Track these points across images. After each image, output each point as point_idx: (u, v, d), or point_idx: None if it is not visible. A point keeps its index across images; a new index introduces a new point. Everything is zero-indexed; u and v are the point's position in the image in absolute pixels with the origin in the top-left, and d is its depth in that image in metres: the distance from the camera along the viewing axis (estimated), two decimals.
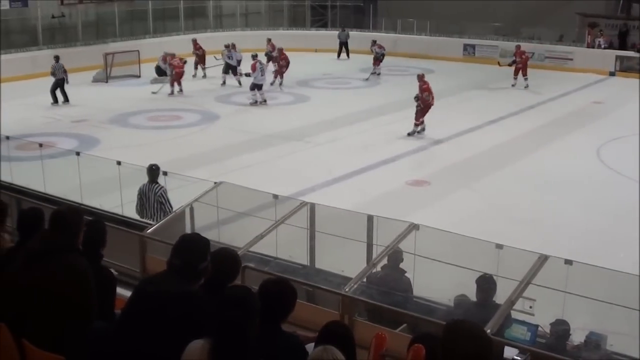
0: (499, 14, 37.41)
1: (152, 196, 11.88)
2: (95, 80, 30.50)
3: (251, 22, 43.94)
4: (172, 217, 10.09)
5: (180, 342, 4.23)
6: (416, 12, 38.86)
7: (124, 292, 5.88)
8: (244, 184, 11.52)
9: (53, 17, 35.09)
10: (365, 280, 8.00)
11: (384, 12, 42.01)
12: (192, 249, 4.56)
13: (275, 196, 10.17)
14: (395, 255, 8.49)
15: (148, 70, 30.83)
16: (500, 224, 13.59)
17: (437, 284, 8.40)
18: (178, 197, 11.14)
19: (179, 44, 33.26)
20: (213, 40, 36.41)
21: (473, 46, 37.38)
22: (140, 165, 13.70)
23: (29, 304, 4.97)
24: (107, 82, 30.40)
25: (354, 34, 40.63)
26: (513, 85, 28.96)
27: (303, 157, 18.41)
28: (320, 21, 45.18)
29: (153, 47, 33.34)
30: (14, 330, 4.91)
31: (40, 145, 16.12)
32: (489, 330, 6.81)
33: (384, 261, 8.42)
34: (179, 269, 4.49)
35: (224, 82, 29.49)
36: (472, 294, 7.81)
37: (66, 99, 25.47)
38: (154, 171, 12.01)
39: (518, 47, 29.97)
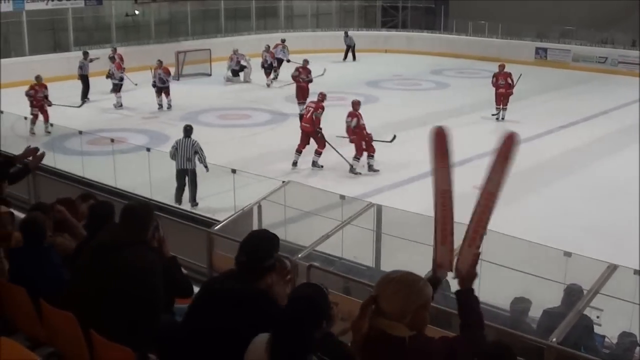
0: (573, 17, 36.80)
1: (188, 145, 14.68)
2: None
3: (322, 23, 44.01)
4: (239, 215, 10.18)
5: (243, 341, 4.27)
6: (488, 14, 38.46)
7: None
8: (311, 183, 11.59)
9: (127, 15, 35.71)
10: None
11: (455, 14, 41.68)
12: (257, 246, 4.57)
13: (342, 197, 10.19)
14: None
15: (219, 69, 31.12)
16: (569, 232, 13.36)
17: (503, 290, 8.32)
18: (246, 195, 11.22)
19: (249, 43, 33.52)
20: (288, 40, 36.58)
21: (545, 49, 36.82)
22: (210, 162, 13.87)
23: (97, 295, 5.07)
24: (178, 79, 30.74)
25: (425, 35, 40.51)
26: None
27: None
28: (391, 22, 45.03)
29: (224, 46, 33.60)
30: (83, 322, 5.01)
31: (112, 140, 16.39)
32: (554, 339, 6.74)
33: None
34: (243, 266, 4.51)
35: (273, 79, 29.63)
36: (537, 301, 7.73)
37: (83, 100, 25.95)
38: (188, 130, 15.22)
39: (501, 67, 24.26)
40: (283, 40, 33.48)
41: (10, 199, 8.43)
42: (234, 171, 12.22)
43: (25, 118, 18.27)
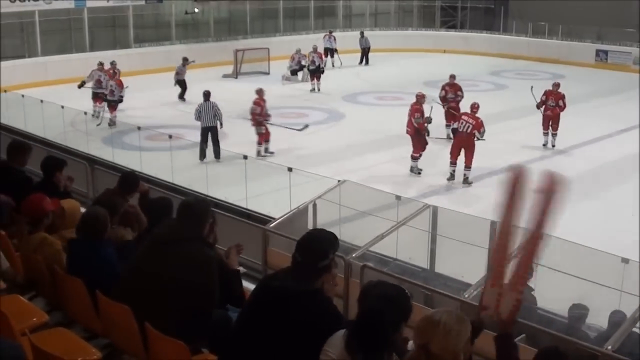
0: (634, 19, 36.16)
1: (209, 107, 18.42)
2: (225, 76, 31.11)
3: (380, 22, 43.94)
4: (295, 213, 10.20)
5: (297, 338, 4.27)
6: (548, 15, 38.01)
7: (246, 285, 5.97)
8: (367, 183, 11.57)
9: (186, 13, 36.03)
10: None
11: (515, 15, 41.28)
12: (313, 247, 4.56)
13: (398, 197, 10.16)
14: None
15: (277, 68, 31.23)
16: (627, 238, 13.11)
17: (559, 295, 8.22)
18: (302, 194, 11.23)
19: (308, 42, 33.54)
20: (342, 40, 36.61)
21: (606, 52, 36.20)
22: (267, 160, 13.94)
23: (153, 289, 5.13)
24: (236, 77, 30.95)
25: (484, 36, 40.19)
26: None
27: (427, 159, 18.26)
28: (450, 22, 44.78)
29: (283, 45, 33.75)
30: (138, 315, 5.07)
31: (170, 136, 16.54)
32: (609, 347, 6.64)
33: None
34: (299, 265, 4.52)
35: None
36: (594, 307, 7.62)
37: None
38: (207, 94, 18.72)
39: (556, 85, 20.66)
40: (330, 31, 33.70)
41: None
42: (290, 169, 12.24)
43: (85, 113, 18.54)
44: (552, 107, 19.93)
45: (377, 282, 4.51)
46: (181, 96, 26.22)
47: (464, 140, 16.85)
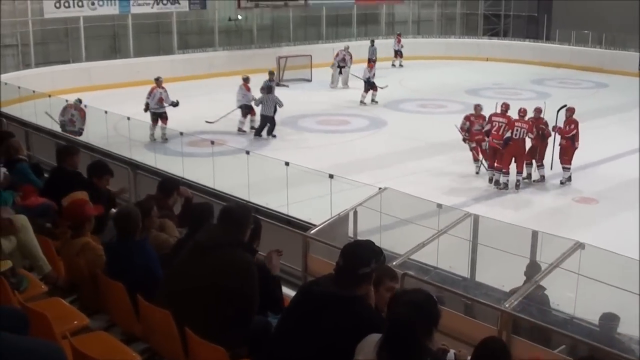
0: None
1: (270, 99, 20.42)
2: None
3: (423, 30, 43.84)
4: (335, 220, 10.18)
5: (337, 344, 4.26)
6: (592, 23, 37.60)
7: (286, 290, 5.97)
8: (408, 191, 11.49)
9: (230, 19, 36.22)
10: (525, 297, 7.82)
11: (558, 23, 40.92)
12: (355, 253, 4.57)
13: (439, 205, 10.10)
14: (531, 269, 8.31)
15: (319, 74, 31.27)
16: None
17: (600, 306, 8.11)
18: (343, 201, 11.21)
19: (350, 50, 33.57)
20: (385, 47, 36.60)
21: None
22: (308, 167, 13.93)
23: (194, 294, 5.14)
24: (278, 84, 31.01)
25: (527, 44, 39.92)
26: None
27: (469, 168, 18.18)
28: (492, 30, 44.53)
29: (325, 53, 33.79)
30: (179, 320, 5.08)
31: (212, 142, 16.60)
32: None
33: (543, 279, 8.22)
34: (340, 270, 4.53)
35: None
36: (630, 318, 7.51)
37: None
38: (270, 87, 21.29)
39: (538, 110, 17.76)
40: (399, 34, 34.78)
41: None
42: (331, 176, 12.22)
43: (128, 118, 18.66)
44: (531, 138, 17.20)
45: (405, 290, 4.51)
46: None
47: (519, 147, 16.81)
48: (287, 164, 13.41)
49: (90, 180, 8.29)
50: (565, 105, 17.90)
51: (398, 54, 37.74)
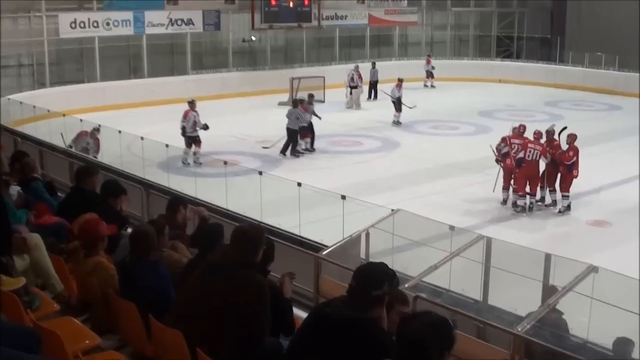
0: None
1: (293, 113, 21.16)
2: (281, 103, 31.25)
3: (436, 51, 43.86)
4: (348, 241, 10.16)
5: None
6: (605, 46, 37.55)
7: (297, 312, 5.96)
8: (421, 212, 11.47)
9: (243, 41, 36.38)
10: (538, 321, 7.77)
11: (571, 45, 40.94)
12: (368, 275, 4.56)
13: (452, 227, 10.07)
14: (550, 293, 8.26)
15: (332, 95, 31.33)
16: None
17: (613, 330, 8.06)
18: (355, 222, 11.19)
19: (363, 71, 33.62)
20: (397, 68, 36.65)
21: None
22: (320, 188, 13.92)
23: (205, 315, 5.13)
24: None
25: (540, 66, 39.91)
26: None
27: (481, 190, 18.14)
28: (505, 52, 44.62)
29: (338, 74, 33.83)
30: (190, 339, 5.08)
31: (225, 162, 16.63)
32: None
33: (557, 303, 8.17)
34: (353, 292, 4.51)
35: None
36: None
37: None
38: (295, 102, 22.07)
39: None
40: (429, 55, 37.08)
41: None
42: (343, 197, 12.21)
43: (142, 138, 18.70)
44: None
45: (420, 312, 4.48)
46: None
47: (532, 169, 16.71)
48: (299, 184, 13.41)
49: (106, 200, 8.30)
50: (565, 127, 17.61)
51: (429, 74, 38.06)
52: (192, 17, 33.44)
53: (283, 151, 21.93)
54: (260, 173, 14.90)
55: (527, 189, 16.81)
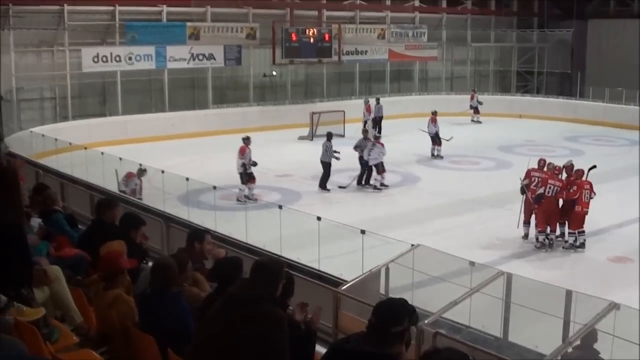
0: None
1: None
2: (301, 138, 31.36)
3: (456, 86, 43.99)
4: (367, 276, 10.12)
5: None
6: (625, 81, 37.45)
7: (316, 347, 5.92)
8: (441, 248, 11.42)
9: (264, 75, 36.58)
10: (559, 359, 7.69)
11: (592, 80, 40.90)
12: (388, 311, 4.54)
13: (472, 263, 10.01)
14: (589, 336, 8.14)
15: (353, 130, 31.33)
16: None
17: None
18: (375, 257, 11.16)
19: (385, 105, 33.72)
20: (417, 103, 36.78)
21: None
22: (340, 222, 13.89)
23: (224, 349, 5.10)
24: (312, 140, 31.14)
25: (560, 101, 39.87)
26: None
27: (502, 225, 18.04)
28: (526, 87, 44.63)
29: (358, 108, 33.92)
30: None
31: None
32: None
33: (578, 340, 8.09)
34: (373, 328, 4.49)
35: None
36: None
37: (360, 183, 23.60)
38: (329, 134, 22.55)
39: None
40: (474, 90, 37.00)
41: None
42: (363, 232, 12.18)
43: (162, 172, 18.77)
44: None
45: (441, 348, 4.45)
46: (360, 180, 23.22)
47: (552, 205, 16.58)
48: (319, 218, 13.40)
49: (128, 232, 8.31)
50: (594, 166, 17.53)
51: (475, 109, 38.28)
52: (213, 52, 33.72)
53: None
54: (280, 207, 14.90)
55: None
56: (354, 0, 39.12)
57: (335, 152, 22.26)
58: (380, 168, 22.59)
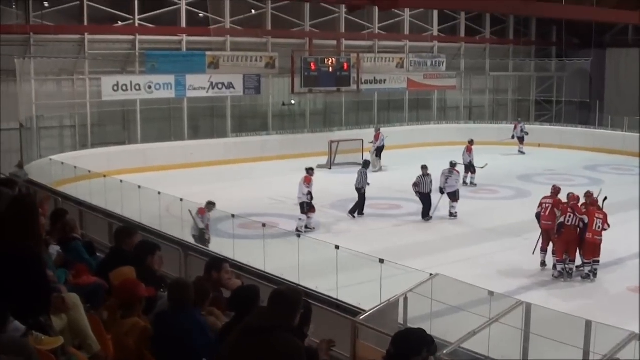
0: None
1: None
2: (320, 166, 31.31)
3: (475, 115, 44.01)
4: (385, 306, 10.07)
5: None
6: None
7: None
8: (459, 277, 11.37)
9: (283, 104, 36.73)
10: None
11: (610, 109, 40.81)
12: (407, 341, 4.52)
13: (491, 293, 9.96)
14: None
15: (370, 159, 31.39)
16: None
17: None
18: (393, 286, 11.13)
19: (403, 134, 33.77)
20: (435, 132, 36.77)
21: None
22: (358, 251, 13.86)
23: None
24: (330, 168, 31.18)
25: (579, 130, 39.75)
26: None
27: (520, 254, 17.95)
28: (544, 116, 44.52)
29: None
30: None
31: (264, 225, 16.64)
32: None
33: None
34: (391, 358, 4.47)
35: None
36: None
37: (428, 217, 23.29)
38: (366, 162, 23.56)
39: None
40: (519, 120, 37.24)
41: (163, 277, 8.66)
42: (381, 261, 12.14)
43: (181, 200, 18.82)
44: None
45: None
46: (426, 214, 22.86)
47: (571, 234, 16.45)
48: (337, 247, 13.38)
49: (145, 260, 8.30)
50: (606, 198, 17.36)
51: (520, 139, 37.83)
52: (232, 81, 33.91)
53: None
54: (299, 235, 14.91)
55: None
56: (372, 29, 39.31)
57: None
58: (457, 196, 22.83)
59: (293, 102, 37.02)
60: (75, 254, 9.31)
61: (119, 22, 31.97)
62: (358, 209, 22.45)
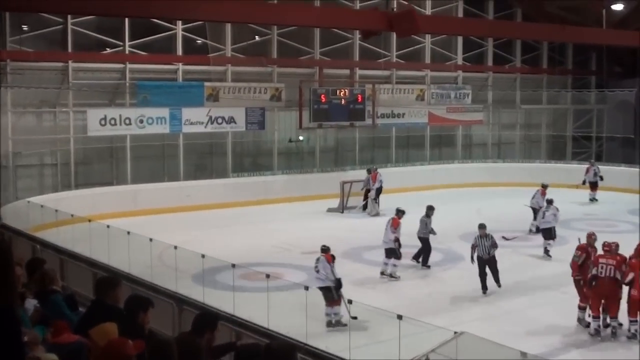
0: None
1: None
2: (330, 210, 31.28)
3: (504, 153, 43.91)
4: None
5: None
6: None
7: None
8: (487, 336, 11.29)
9: (290, 141, 36.64)
10: None
11: None
12: None
13: (524, 354, 9.89)
14: None
15: (387, 201, 31.28)
16: None
17: None
18: (413, 346, 11.06)
19: (424, 174, 33.72)
20: (460, 172, 36.72)
21: None
22: (374, 305, 13.79)
23: None
24: (342, 212, 31.10)
25: (623, 169, 39.59)
26: None
27: (555, 310, 17.81)
28: (583, 154, 44.33)
29: (395, 177, 33.96)
30: None
31: (267, 276, 16.58)
32: None
33: None
34: None
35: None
36: None
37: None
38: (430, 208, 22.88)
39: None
40: (592, 163, 36.57)
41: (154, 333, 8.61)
42: (400, 317, 12.07)
43: (175, 247, 18.81)
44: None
45: None
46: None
47: (607, 286, 16.11)
48: (350, 302, 13.33)
49: (136, 315, 8.24)
50: None
51: (592, 185, 36.72)
52: (234, 115, 34.00)
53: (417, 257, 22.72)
54: (307, 288, 14.84)
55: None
56: (389, 57, 39.44)
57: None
58: (553, 234, 23.48)
59: (301, 138, 36.96)
60: (54, 309, 9.27)
61: (107, 49, 32.17)
62: (423, 258, 22.67)
